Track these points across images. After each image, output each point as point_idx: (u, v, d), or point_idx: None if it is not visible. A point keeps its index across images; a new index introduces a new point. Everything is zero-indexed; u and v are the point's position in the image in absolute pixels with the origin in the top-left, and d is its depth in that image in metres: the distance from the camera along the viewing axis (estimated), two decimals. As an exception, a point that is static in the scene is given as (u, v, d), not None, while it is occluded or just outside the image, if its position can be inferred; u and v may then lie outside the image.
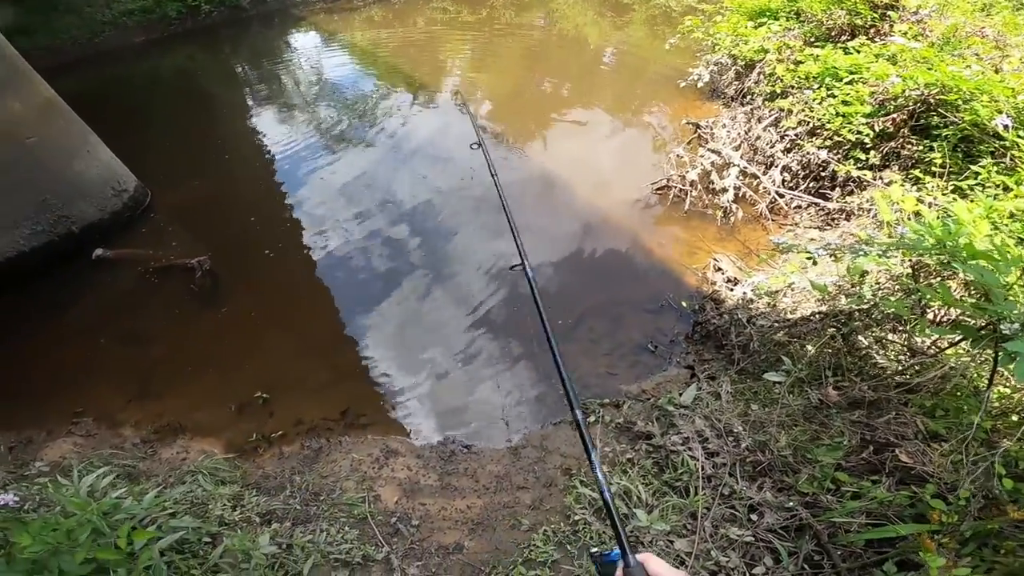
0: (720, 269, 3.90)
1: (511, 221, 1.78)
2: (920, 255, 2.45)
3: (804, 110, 4.56)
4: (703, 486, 2.33)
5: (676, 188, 4.85)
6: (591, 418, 2.99)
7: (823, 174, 4.44)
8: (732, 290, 3.67)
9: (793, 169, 4.59)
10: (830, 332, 2.68)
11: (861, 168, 4.10)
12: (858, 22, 5.17)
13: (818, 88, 4.58)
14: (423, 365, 3.63)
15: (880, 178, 4.04)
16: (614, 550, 0.88)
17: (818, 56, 4.76)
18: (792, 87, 4.89)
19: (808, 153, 4.41)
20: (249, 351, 3.80)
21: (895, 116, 4.07)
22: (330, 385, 3.53)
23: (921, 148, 3.96)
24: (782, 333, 2.92)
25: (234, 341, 3.90)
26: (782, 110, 4.80)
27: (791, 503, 2.14)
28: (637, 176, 5.22)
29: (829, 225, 4.20)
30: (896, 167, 4.07)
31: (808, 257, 2.84)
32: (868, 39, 4.93)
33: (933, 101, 3.93)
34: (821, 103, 4.44)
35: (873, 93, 4.23)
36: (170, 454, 3.04)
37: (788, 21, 5.83)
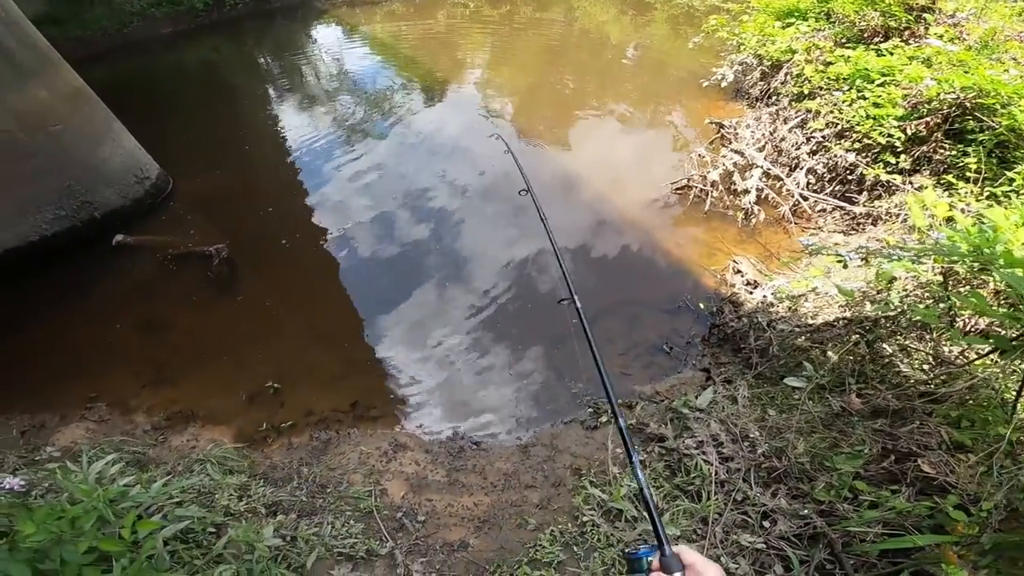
0: (740, 271, 3.81)
1: (559, 258, 1.84)
2: (953, 262, 2.36)
3: (833, 112, 4.44)
4: (716, 491, 2.27)
5: (697, 188, 4.76)
6: (603, 418, 2.94)
7: (850, 177, 4.32)
8: (751, 293, 3.58)
9: (819, 172, 4.47)
10: (854, 338, 2.59)
11: (891, 172, 3.99)
12: (892, 24, 5.03)
13: (848, 90, 4.47)
14: (435, 360, 3.60)
15: (910, 183, 3.92)
16: (641, 548, 0.92)
17: (849, 57, 4.65)
18: (820, 88, 4.77)
19: (835, 155, 4.29)
20: (262, 340, 3.81)
21: (928, 119, 3.94)
22: (341, 377, 3.52)
23: (954, 153, 3.84)
24: (803, 338, 2.83)
25: (248, 329, 3.92)
26: (809, 111, 4.69)
27: (806, 510, 2.08)
28: (657, 175, 5.14)
29: (854, 230, 4.09)
30: (927, 172, 3.94)
31: (839, 260, 2.75)
32: (902, 41, 4.79)
33: (969, 105, 3.80)
34: (851, 105, 4.33)
35: (906, 96, 4.10)
36: (180, 441, 3.05)
37: (818, 22, 5.70)
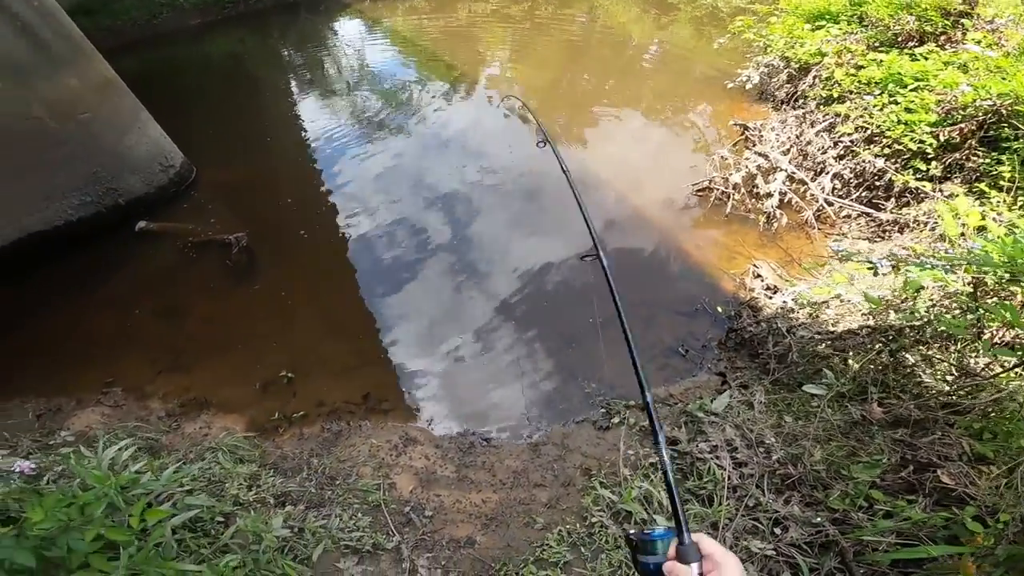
0: (760, 276, 3.74)
1: (584, 210, 1.73)
2: (985, 272, 2.28)
3: (863, 116, 4.33)
4: (728, 496, 2.23)
5: (718, 190, 4.68)
6: (615, 419, 2.90)
7: (877, 183, 4.21)
8: (771, 298, 3.51)
9: (845, 177, 4.36)
10: (877, 347, 2.52)
11: (920, 179, 3.88)
12: (928, 28, 4.90)
13: (880, 94, 4.36)
14: (447, 355, 3.60)
15: (940, 190, 3.81)
16: (656, 529, 0.87)
17: (882, 61, 4.53)
18: (851, 92, 4.66)
19: (863, 161, 4.19)
20: (278, 329, 3.84)
21: (963, 126, 3.82)
22: (354, 368, 3.54)
23: (988, 161, 3.72)
24: (824, 345, 2.76)
25: (264, 318, 3.95)
26: (838, 115, 4.58)
27: (819, 518, 2.06)
28: (678, 176, 5.07)
29: (880, 237, 3.98)
30: (958, 179, 3.82)
31: (870, 267, 2.68)
32: (938, 46, 4.66)
33: (1005, 112, 3.68)
34: (882, 109, 4.22)
35: (940, 101, 3.98)
36: (193, 429, 3.08)
37: (849, 25, 5.58)
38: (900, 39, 5.11)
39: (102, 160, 4.76)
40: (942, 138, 3.86)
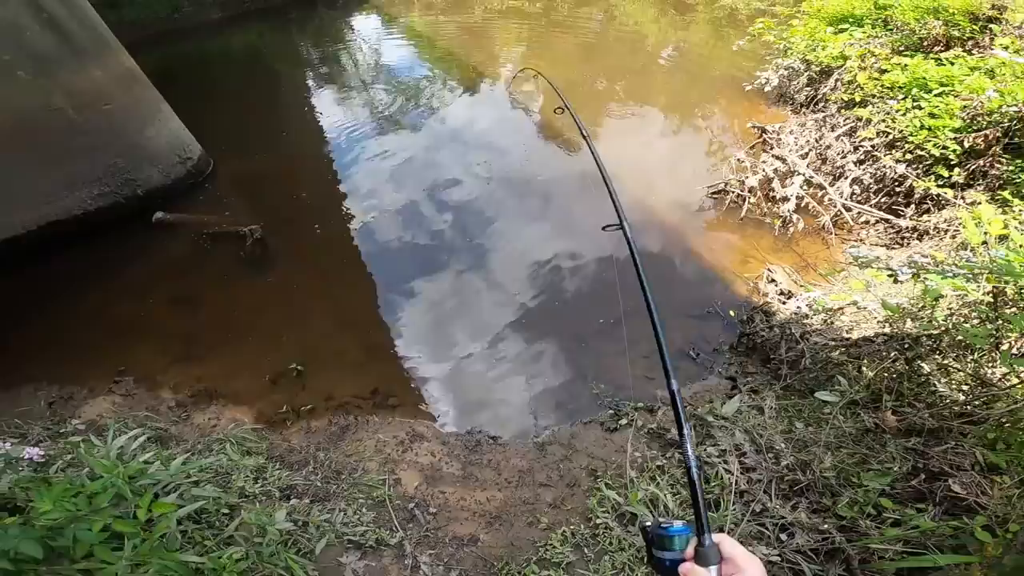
0: (774, 280, 3.69)
1: (604, 175, 1.65)
2: (1007, 282, 2.22)
3: (885, 120, 4.25)
4: (734, 501, 2.21)
5: (734, 193, 4.62)
6: (622, 420, 2.87)
7: (898, 189, 4.13)
8: (785, 303, 3.46)
9: (865, 182, 4.29)
10: (892, 355, 2.47)
11: (942, 186, 3.80)
12: (955, 33, 4.81)
13: (903, 99, 4.28)
14: (456, 352, 3.60)
15: (962, 197, 3.72)
16: (674, 524, 0.82)
17: (906, 65, 4.44)
18: (873, 96, 4.58)
19: (884, 166, 4.11)
20: (289, 322, 3.87)
21: (987, 132, 3.74)
22: (363, 363, 3.55)
23: (1012, 168, 3.63)
24: (839, 352, 2.72)
25: (276, 311, 3.98)
26: (859, 119, 4.51)
27: (826, 525, 2.04)
28: (693, 178, 5.02)
29: (898, 244, 3.91)
30: (981, 187, 3.74)
31: (890, 274, 2.63)
32: (965, 51, 4.56)
33: (1032, 118, 3.59)
34: (905, 114, 4.14)
35: (965, 107, 3.90)
36: (202, 420, 3.10)
37: (874, 28, 5.48)
38: (926, 43, 5.01)
39: (122, 151, 4.83)
40: (966, 144, 3.78)
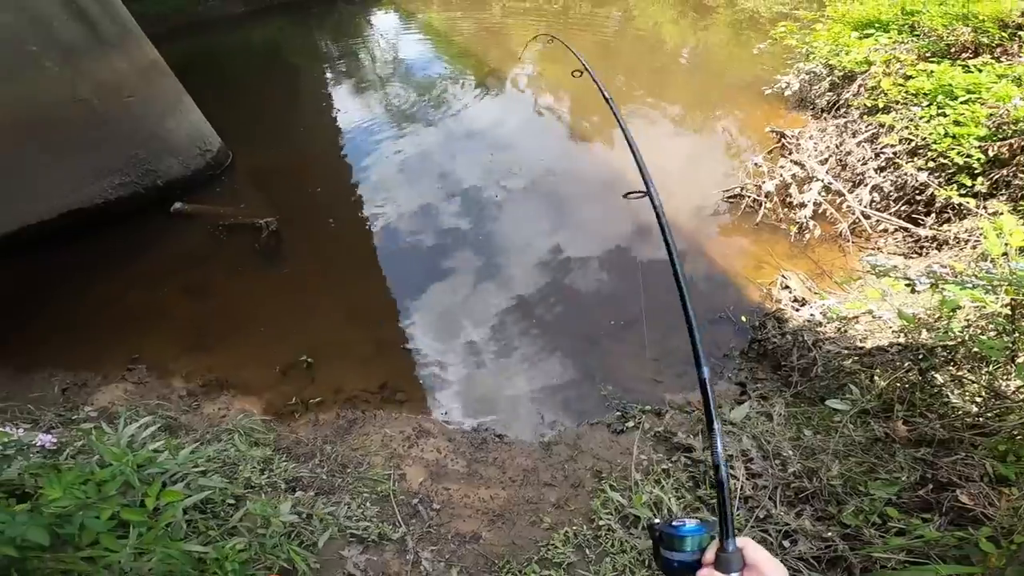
0: (788, 287, 3.64)
1: (630, 139, 1.52)
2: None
3: (908, 127, 4.17)
4: (739, 506, 2.19)
5: (750, 198, 4.57)
6: (629, 423, 2.86)
7: (918, 198, 4.05)
8: (798, 310, 3.41)
9: (885, 190, 4.21)
10: (906, 365, 2.43)
11: (964, 195, 3.72)
12: (984, 40, 4.70)
13: (928, 106, 4.21)
14: (465, 350, 3.60)
15: (984, 207, 3.65)
16: (686, 523, 0.77)
17: (932, 72, 4.36)
18: (897, 102, 4.50)
19: (905, 174, 4.04)
20: (301, 314, 3.91)
21: (1013, 141, 3.65)
22: (372, 357, 3.57)
23: (1037, 179, 3.54)
24: (851, 360, 2.67)
25: (288, 303, 4.02)
26: (882, 125, 4.43)
27: (830, 533, 2.01)
28: (708, 181, 4.97)
29: (917, 253, 3.84)
30: (1004, 197, 3.66)
31: (908, 284, 2.59)
32: (993, 58, 4.46)
33: (1060, 128, 3.50)
34: (929, 121, 4.07)
35: (991, 115, 3.82)
36: (212, 409, 3.14)
37: (900, 34, 5.38)
38: (953, 50, 4.91)
39: (144, 142, 4.91)
40: (990, 153, 3.70)
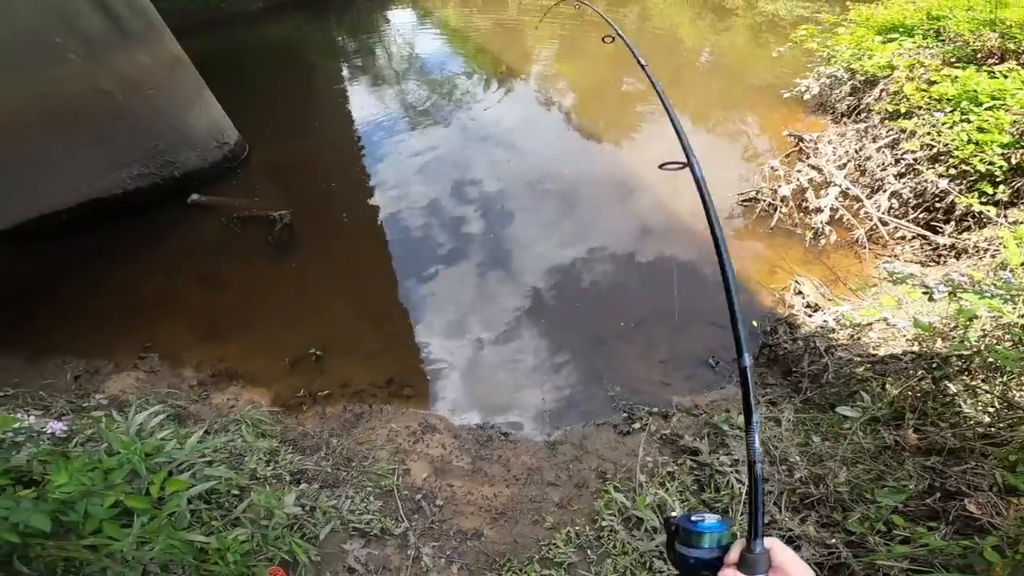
0: (801, 293, 3.59)
1: (667, 107, 1.47)
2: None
3: (930, 133, 4.10)
4: (743, 511, 2.16)
5: (765, 202, 4.52)
6: (636, 425, 2.84)
7: (938, 205, 3.97)
8: (811, 316, 3.37)
9: (904, 196, 4.14)
10: (919, 374, 2.39)
11: (985, 203, 3.64)
12: (1011, 46, 4.60)
13: (951, 111, 4.13)
14: (473, 347, 3.60)
15: (1004, 216, 3.57)
16: (706, 518, 0.74)
17: (957, 77, 4.28)
18: (919, 108, 4.42)
19: (926, 180, 3.96)
20: (311, 307, 3.94)
21: (1037, 148, 3.56)
22: (381, 352, 3.58)
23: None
24: (864, 368, 2.63)
25: (299, 295, 4.06)
26: (903, 131, 4.35)
27: (833, 540, 1.98)
28: (723, 185, 4.91)
29: (934, 261, 3.77)
30: (1026, 206, 3.57)
31: (925, 292, 2.54)
32: (1020, 64, 4.37)
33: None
34: (952, 127, 3.99)
35: (1015, 122, 3.73)
36: (221, 400, 3.17)
37: (925, 39, 5.28)
38: (979, 56, 4.81)
39: (164, 134, 4.98)
40: (1013, 160, 3.62)
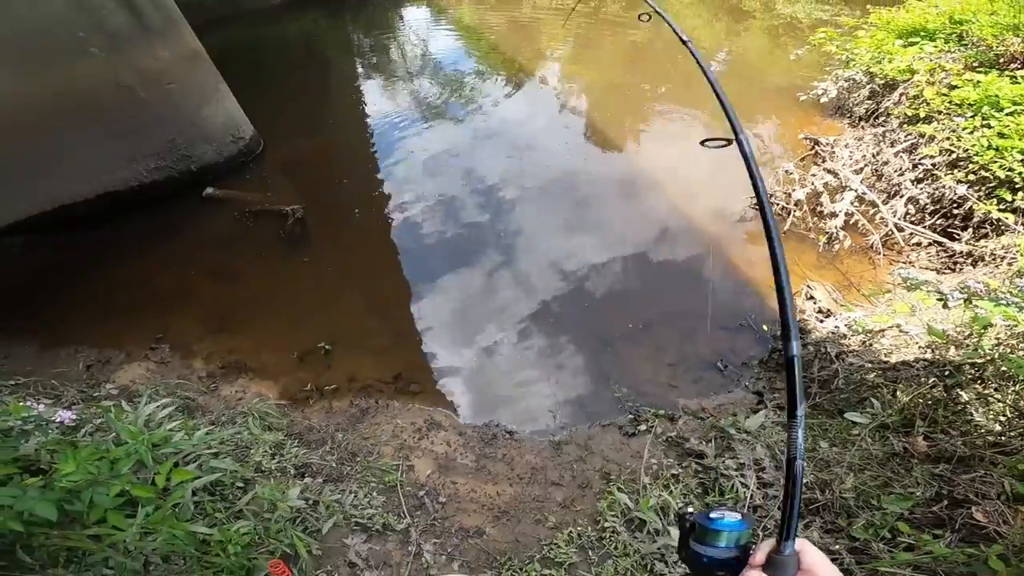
0: (813, 298, 3.55)
1: (713, 82, 1.46)
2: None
3: (950, 138, 4.03)
4: (747, 515, 2.13)
5: (778, 205, 4.47)
6: (642, 426, 2.82)
7: (955, 212, 3.90)
8: (822, 322, 3.32)
9: (921, 202, 4.07)
10: (931, 381, 2.35)
11: (1004, 210, 3.57)
12: (1035, 51, 4.51)
13: (972, 116, 4.06)
14: (480, 345, 3.61)
15: (1023, 223, 3.49)
16: (726, 516, 0.72)
17: (979, 82, 4.20)
18: (939, 112, 4.35)
19: (944, 186, 3.89)
20: (321, 302, 3.97)
21: (1059, 155, 3.49)
22: (388, 348, 3.60)
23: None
24: (875, 374, 2.60)
25: (309, 290, 4.09)
26: (922, 136, 4.28)
27: (837, 546, 1.97)
28: (735, 187, 4.85)
29: (950, 268, 3.70)
30: (1046, 213, 3.50)
31: (940, 299, 2.51)
32: (1045, 69, 4.29)
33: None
34: (972, 133, 3.92)
35: (1037, 127, 3.65)
36: (229, 392, 3.19)
37: (947, 43, 5.20)
38: (1003, 60, 4.72)
39: (181, 128, 5.02)
40: (1035, 167, 3.54)
